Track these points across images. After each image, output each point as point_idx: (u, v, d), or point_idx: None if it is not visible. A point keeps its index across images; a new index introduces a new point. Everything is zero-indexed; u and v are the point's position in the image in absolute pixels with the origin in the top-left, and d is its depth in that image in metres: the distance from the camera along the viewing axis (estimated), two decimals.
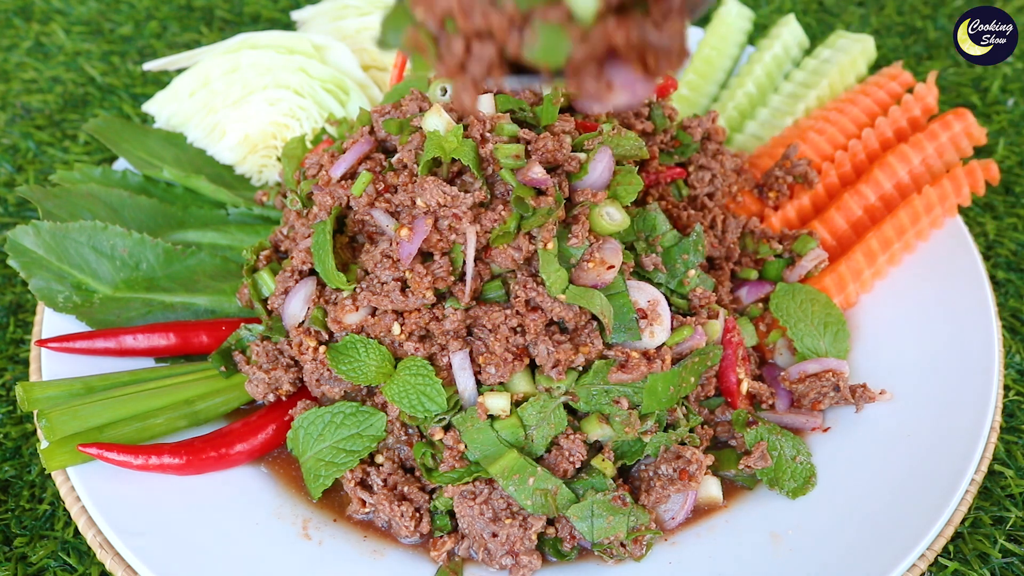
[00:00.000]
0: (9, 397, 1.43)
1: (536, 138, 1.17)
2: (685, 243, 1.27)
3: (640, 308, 1.19)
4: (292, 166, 1.49)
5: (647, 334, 1.18)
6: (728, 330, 1.28)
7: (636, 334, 1.17)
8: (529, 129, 1.22)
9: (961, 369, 1.30)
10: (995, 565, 1.21)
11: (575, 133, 1.23)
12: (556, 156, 1.17)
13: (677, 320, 1.22)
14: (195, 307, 1.39)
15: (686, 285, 1.26)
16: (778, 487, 1.20)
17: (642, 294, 1.20)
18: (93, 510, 1.14)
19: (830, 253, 1.48)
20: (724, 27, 1.92)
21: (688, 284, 1.26)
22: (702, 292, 1.27)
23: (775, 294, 1.36)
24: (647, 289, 1.20)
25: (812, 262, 1.41)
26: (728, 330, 1.28)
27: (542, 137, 1.17)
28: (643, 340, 1.18)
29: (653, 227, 1.27)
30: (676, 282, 1.26)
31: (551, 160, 1.17)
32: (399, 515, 1.15)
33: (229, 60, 1.67)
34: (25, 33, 2.23)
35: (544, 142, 1.16)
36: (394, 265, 1.17)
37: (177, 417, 1.24)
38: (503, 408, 1.15)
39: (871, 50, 1.81)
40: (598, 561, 1.14)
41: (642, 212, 1.27)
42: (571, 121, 1.24)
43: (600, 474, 1.15)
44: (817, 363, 1.29)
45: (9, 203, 1.77)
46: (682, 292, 1.26)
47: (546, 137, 1.17)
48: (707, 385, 1.28)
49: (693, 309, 1.27)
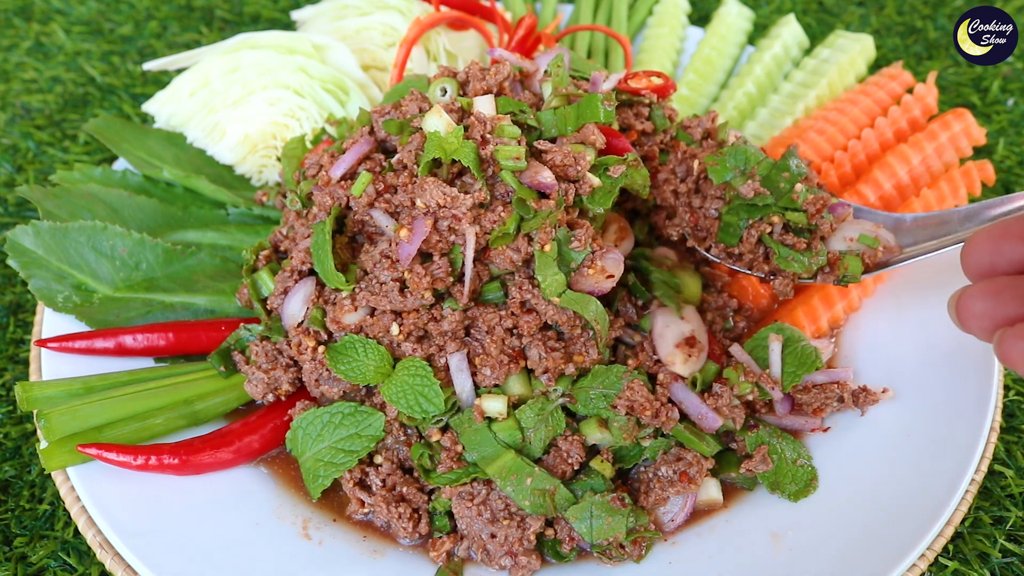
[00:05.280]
0: (9, 397, 1.43)
1: (550, 148, 1.16)
2: (781, 163, 1.26)
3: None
4: (292, 166, 1.49)
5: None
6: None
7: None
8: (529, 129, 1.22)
9: (961, 369, 1.30)
10: (995, 565, 1.21)
11: (601, 147, 1.21)
12: (567, 172, 1.16)
13: (798, 242, 1.25)
14: (195, 307, 1.39)
15: (796, 200, 1.24)
16: (779, 491, 1.19)
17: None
18: (93, 510, 1.14)
19: None
20: (724, 27, 1.92)
21: (798, 198, 1.24)
22: (815, 198, 1.25)
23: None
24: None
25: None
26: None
27: (555, 150, 1.16)
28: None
29: (746, 159, 1.28)
30: (785, 199, 1.25)
31: (561, 174, 1.16)
32: (397, 516, 1.15)
33: (229, 60, 1.67)
34: (25, 33, 2.23)
35: (554, 156, 1.15)
36: (393, 265, 1.17)
37: (176, 417, 1.24)
38: (500, 411, 1.15)
39: (870, 50, 1.81)
40: (597, 562, 1.14)
41: (732, 148, 1.28)
42: (600, 135, 1.20)
43: (599, 475, 1.15)
44: (824, 374, 1.28)
45: (9, 203, 1.77)
46: (795, 207, 1.25)
47: (558, 152, 1.16)
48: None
49: (812, 219, 1.25)
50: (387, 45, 1.77)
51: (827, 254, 1.26)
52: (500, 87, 1.30)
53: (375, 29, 1.77)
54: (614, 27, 1.98)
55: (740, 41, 1.93)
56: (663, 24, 1.95)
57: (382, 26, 1.77)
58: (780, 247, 1.26)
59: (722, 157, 1.29)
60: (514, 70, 1.33)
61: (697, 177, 1.34)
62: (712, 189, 1.32)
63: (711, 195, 1.32)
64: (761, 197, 1.25)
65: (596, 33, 1.95)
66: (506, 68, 1.31)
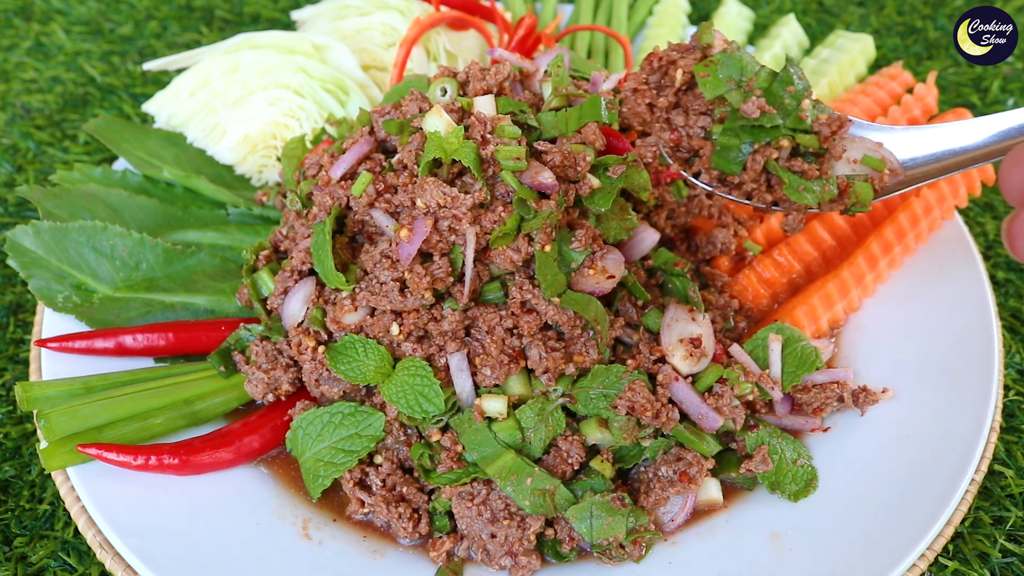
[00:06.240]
0: (9, 397, 1.43)
1: (550, 148, 1.16)
2: (784, 75, 1.08)
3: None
4: (292, 166, 1.49)
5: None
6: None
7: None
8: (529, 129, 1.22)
9: (961, 369, 1.30)
10: (995, 565, 1.21)
11: (601, 148, 1.20)
12: (567, 172, 1.16)
13: (809, 168, 1.07)
14: (195, 307, 1.39)
15: (804, 120, 1.07)
16: (779, 491, 1.19)
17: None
18: (93, 510, 1.14)
19: (830, 254, 1.48)
20: (724, 27, 1.92)
21: (807, 117, 1.07)
22: (827, 118, 1.08)
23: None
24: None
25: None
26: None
27: (555, 150, 1.16)
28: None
29: (741, 68, 1.08)
30: (792, 118, 1.07)
31: (561, 174, 1.16)
32: (397, 516, 1.15)
33: (229, 60, 1.67)
34: (25, 33, 2.23)
35: (554, 156, 1.15)
36: (393, 265, 1.17)
37: (176, 417, 1.24)
38: (500, 411, 1.15)
39: (870, 49, 1.81)
40: (597, 562, 1.14)
41: (724, 55, 1.09)
42: (600, 136, 1.19)
43: (599, 475, 1.15)
44: (824, 374, 1.28)
45: (9, 203, 1.77)
46: (805, 128, 1.07)
47: (558, 152, 1.16)
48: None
49: (825, 142, 1.08)
50: (387, 45, 1.77)
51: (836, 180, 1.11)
52: (500, 87, 1.30)
53: (375, 29, 1.77)
54: (614, 27, 1.98)
55: (740, 41, 1.93)
56: (663, 24, 1.95)
57: (382, 26, 1.77)
58: (789, 175, 1.08)
59: (713, 67, 1.09)
60: (514, 70, 1.33)
61: (678, 89, 1.15)
62: (696, 103, 1.13)
63: (695, 110, 1.13)
64: (768, 117, 1.06)
65: (596, 33, 1.95)
66: (506, 68, 1.31)
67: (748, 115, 1.05)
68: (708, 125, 1.11)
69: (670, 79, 1.15)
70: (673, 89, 1.14)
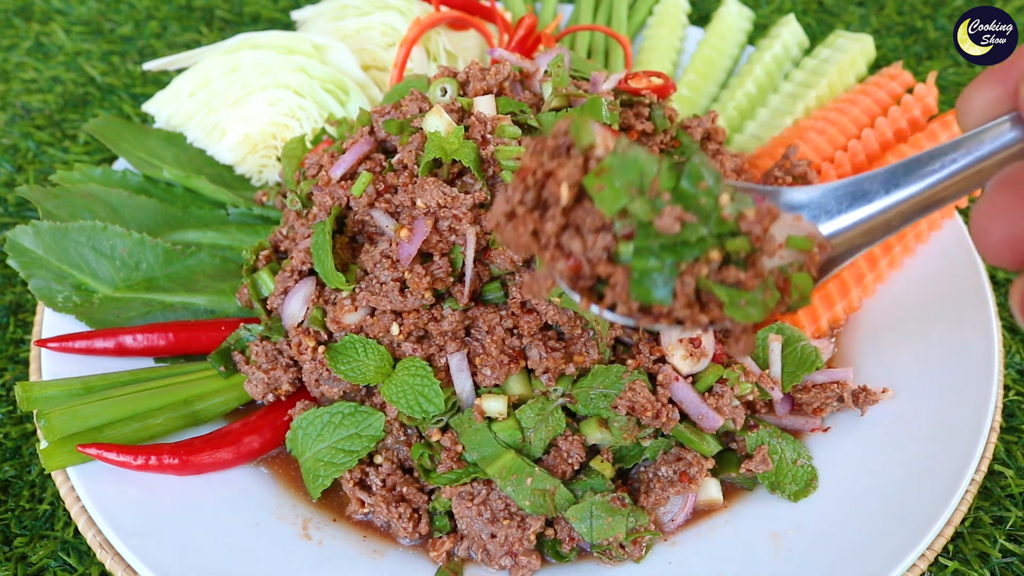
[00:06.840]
0: (9, 397, 1.43)
1: None
2: (691, 169, 0.83)
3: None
4: (292, 166, 1.49)
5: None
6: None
7: None
8: (529, 129, 1.22)
9: (961, 369, 1.30)
10: (995, 565, 1.21)
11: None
12: None
13: (747, 279, 0.81)
14: (195, 307, 1.39)
15: (728, 219, 0.82)
16: (779, 491, 1.19)
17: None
18: (93, 510, 1.14)
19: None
20: (724, 27, 1.92)
21: (730, 216, 0.82)
22: (755, 213, 0.83)
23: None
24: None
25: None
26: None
27: None
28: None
29: (639, 169, 0.83)
30: (715, 222, 0.82)
31: None
32: (397, 516, 1.15)
33: (229, 60, 1.67)
34: (25, 33, 2.23)
35: None
36: (393, 265, 1.17)
37: (176, 417, 1.24)
38: (500, 411, 1.15)
39: (870, 50, 1.81)
40: (597, 562, 1.14)
41: (616, 158, 0.83)
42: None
43: (599, 475, 1.15)
44: (825, 374, 1.28)
45: (9, 203, 1.77)
46: (730, 229, 0.83)
47: None
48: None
49: (757, 242, 0.83)
50: (387, 45, 1.77)
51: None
52: (500, 87, 1.30)
53: (375, 29, 1.77)
54: (614, 27, 1.98)
55: (740, 41, 1.93)
56: (663, 24, 1.95)
57: (382, 26, 1.77)
58: (727, 291, 0.83)
59: (606, 175, 0.83)
60: (514, 70, 1.33)
61: (567, 207, 0.86)
62: (591, 219, 0.85)
63: (590, 228, 0.85)
64: (691, 228, 0.82)
65: (596, 33, 1.95)
66: (506, 68, 1.31)
67: (666, 231, 0.82)
68: (611, 244, 0.85)
69: (553, 195, 0.88)
70: (559, 208, 0.88)
